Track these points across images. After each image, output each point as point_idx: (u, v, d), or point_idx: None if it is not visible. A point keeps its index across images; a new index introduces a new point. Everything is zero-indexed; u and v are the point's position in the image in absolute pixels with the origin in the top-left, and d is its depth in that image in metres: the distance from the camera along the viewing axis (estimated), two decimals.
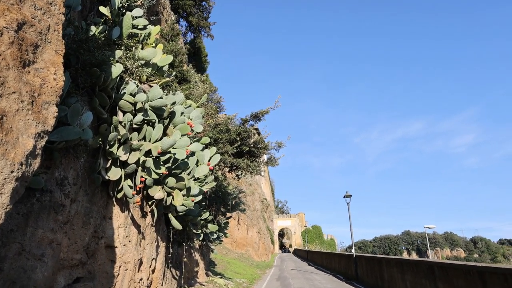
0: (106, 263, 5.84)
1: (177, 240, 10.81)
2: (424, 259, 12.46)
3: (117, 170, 6.03)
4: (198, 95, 14.21)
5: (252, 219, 48.95)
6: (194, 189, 7.95)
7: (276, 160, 17.02)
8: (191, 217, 9.40)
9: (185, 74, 16.06)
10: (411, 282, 12.67)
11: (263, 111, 15.82)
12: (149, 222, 7.42)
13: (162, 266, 8.25)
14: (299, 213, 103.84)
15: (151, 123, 6.94)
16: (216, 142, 14.40)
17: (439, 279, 10.62)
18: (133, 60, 6.98)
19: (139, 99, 6.33)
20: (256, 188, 60.32)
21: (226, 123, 15.15)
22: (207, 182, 9.28)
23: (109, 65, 5.71)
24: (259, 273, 27.77)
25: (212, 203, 15.77)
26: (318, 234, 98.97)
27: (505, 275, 7.62)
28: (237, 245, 41.09)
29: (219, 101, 16.66)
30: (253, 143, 16.01)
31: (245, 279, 20.81)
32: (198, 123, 8.80)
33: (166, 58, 8.26)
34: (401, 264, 13.77)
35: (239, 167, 15.36)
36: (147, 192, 7.10)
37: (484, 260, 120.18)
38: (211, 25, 28.85)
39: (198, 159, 8.66)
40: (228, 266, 25.47)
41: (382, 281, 15.87)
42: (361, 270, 19.94)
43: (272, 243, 74.54)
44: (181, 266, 11.27)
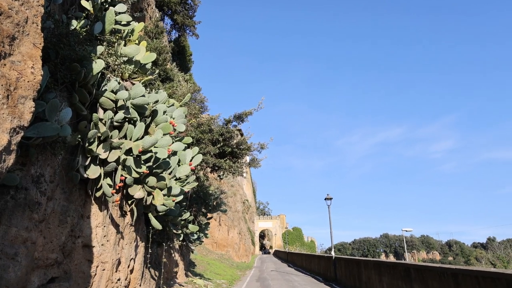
0: (83, 262, 5.71)
1: (156, 240, 10.67)
2: (401, 262, 12.66)
3: (97, 168, 5.91)
4: (181, 94, 14.09)
5: (233, 220, 48.82)
6: (175, 189, 7.86)
7: (259, 161, 17.03)
8: (171, 217, 9.29)
9: (169, 73, 15.90)
10: (388, 283, 12.85)
11: (247, 112, 15.80)
12: (129, 221, 7.30)
13: (141, 266, 8.13)
14: (280, 215, 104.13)
15: (133, 121, 6.83)
16: (199, 142, 14.30)
17: (415, 281, 10.82)
18: (115, 57, 6.86)
19: (120, 97, 6.22)
20: (237, 189, 60.21)
21: (209, 124, 15.07)
22: (188, 182, 9.19)
23: (90, 61, 5.60)
24: (239, 274, 27.70)
25: (193, 204, 15.65)
26: (298, 236, 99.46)
27: (476, 277, 7.86)
28: (217, 246, 40.90)
29: (202, 101, 16.56)
30: (235, 144, 15.97)
31: (225, 280, 20.72)
32: (181, 123, 8.72)
33: (149, 55, 8.15)
34: (378, 266, 13.97)
35: (221, 168, 15.29)
36: (127, 191, 6.98)
37: (458, 262, 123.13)
38: (196, 24, 28.65)
39: (180, 159, 8.58)
40: (208, 266, 25.32)
41: (360, 282, 16.06)
42: (340, 272, 20.14)
43: (253, 244, 74.52)
44: (160, 267, 11.13)
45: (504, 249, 53.66)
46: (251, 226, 79.62)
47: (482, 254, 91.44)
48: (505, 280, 6.93)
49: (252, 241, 73.06)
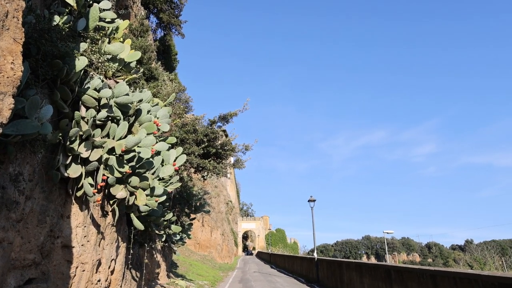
0: (62, 263, 5.59)
1: (138, 241, 10.54)
2: (381, 263, 12.84)
3: (78, 167, 5.80)
4: (166, 93, 13.97)
5: (217, 221, 48.64)
6: (158, 189, 7.78)
7: (243, 162, 17.00)
8: (154, 217, 9.19)
9: (153, 72, 15.75)
10: (369, 285, 13.01)
11: (232, 113, 15.78)
12: (110, 221, 7.19)
13: (122, 267, 8.01)
14: (264, 216, 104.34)
15: (116, 120, 6.73)
16: (183, 143, 14.20)
17: (395, 282, 10.99)
18: (99, 54, 6.75)
19: (103, 95, 6.12)
20: (221, 190, 60.03)
21: (194, 124, 14.98)
22: (171, 182, 9.11)
23: (72, 57, 5.49)
24: (221, 275, 27.60)
25: (176, 204, 15.53)
26: (281, 237, 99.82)
27: (454, 278, 8.04)
28: (200, 247, 40.66)
29: (187, 101, 16.45)
30: (220, 144, 15.92)
31: (207, 281, 20.60)
32: (165, 122, 8.64)
33: (134, 54, 8.06)
34: (360, 268, 14.12)
35: (205, 169, 15.22)
36: (109, 191, 6.87)
37: (437, 264, 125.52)
38: (182, 23, 28.47)
39: (164, 159, 8.50)
40: (190, 268, 25.15)
41: (342, 283, 16.20)
42: (322, 273, 20.27)
43: (236, 245, 74.37)
44: (142, 267, 11.00)
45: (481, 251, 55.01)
46: (234, 227, 79.46)
47: (460, 256, 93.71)
48: (481, 281, 7.09)
49: (235, 242, 72.91)
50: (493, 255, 49.39)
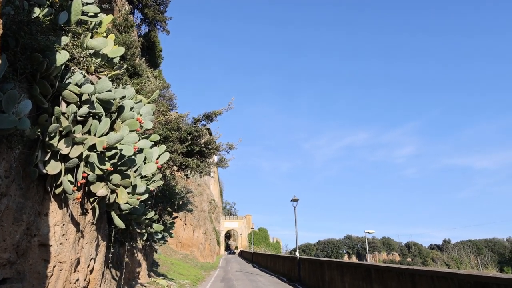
0: (39, 262, 5.44)
1: (119, 240, 10.38)
2: (362, 262, 13.00)
3: (57, 164, 5.66)
4: (149, 90, 13.80)
5: (199, 220, 48.37)
6: (140, 187, 7.67)
7: (227, 161, 16.96)
8: (135, 216, 9.05)
9: (137, 68, 15.53)
10: (349, 284, 13.15)
11: (216, 111, 15.70)
12: (90, 220, 7.04)
13: (102, 266, 7.86)
14: (247, 216, 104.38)
15: (98, 116, 6.59)
16: (166, 140, 14.05)
17: (375, 281, 11.14)
18: (81, 49, 6.60)
19: (85, 90, 5.98)
20: (204, 188, 59.75)
21: (178, 122, 14.85)
22: (154, 180, 8.99)
23: (53, 51, 5.35)
24: (203, 274, 27.47)
25: (159, 202, 15.36)
26: (264, 236, 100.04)
27: (432, 277, 8.26)
28: (182, 246, 40.36)
29: (171, 99, 16.30)
30: (204, 143, 15.83)
31: (189, 280, 20.47)
32: (148, 120, 8.51)
33: (117, 49, 7.90)
34: (341, 267, 14.26)
35: (189, 167, 15.11)
36: (89, 189, 6.73)
37: (416, 263, 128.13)
38: (167, 19, 28.19)
39: (146, 157, 8.37)
40: (172, 267, 24.93)
41: (323, 282, 16.33)
42: (304, 272, 20.39)
43: (218, 244, 74.16)
44: (122, 267, 10.83)
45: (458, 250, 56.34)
46: (217, 226, 79.22)
47: (438, 255, 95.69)
48: (457, 280, 7.34)
49: (218, 241, 72.71)
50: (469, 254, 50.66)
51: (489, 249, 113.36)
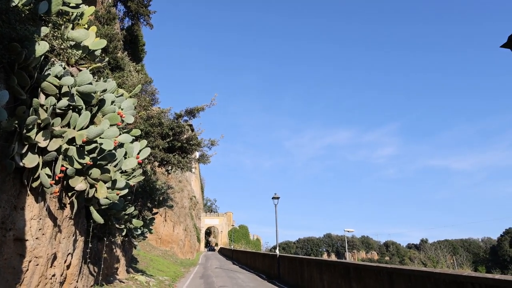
0: (14, 257, 5.33)
1: (97, 235, 10.25)
2: (341, 261, 13.20)
3: (34, 157, 5.54)
4: (131, 84, 13.62)
5: (180, 216, 48.09)
6: (120, 182, 7.58)
7: (208, 158, 16.90)
8: (114, 211, 8.95)
9: (119, 62, 15.31)
10: (328, 281, 13.33)
11: (199, 107, 15.63)
12: (68, 214, 6.93)
13: (79, 261, 7.75)
14: (228, 212, 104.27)
15: (78, 109, 6.48)
16: (147, 135, 13.91)
17: (354, 279, 11.33)
18: (61, 40, 6.47)
19: (65, 83, 5.87)
20: (185, 185, 59.40)
21: (159, 117, 14.72)
22: (134, 175, 8.90)
23: (32, 42, 5.23)
24: (182, 271, 27.36)
25: (139, 198, 15.22)
26: (244, 234, 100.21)
27: (409, 275, 8.44)
28: (162, 242, 40.06)
29: (153, 93, 16.13)
30: (185, 139, 15.74)
31: (168, 276, 20.36)
32: (129, 114, 8.42)
33: (99, 42, 7.78)
34: (320, 265, 14.44)
35: (170, 163, 15.01)
36: (68, 183, 6.62)
37: (394, 262, 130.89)
38: (151, 13, 27.83)
39: (127, 151, 8.28)
40: (151, 263, 24.73)
41: (302, 280, 16.51)
42: (283, 270, 20.56)
43: (198, 241, 73.92)
44: (100, 262, 10.70)
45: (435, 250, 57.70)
46: (198, 223, 78.91)
47: (415, 255, 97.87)
48: (433, 278, 7.52)
49: (198, 238, 72.47)
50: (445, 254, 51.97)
51: (465, 249, 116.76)
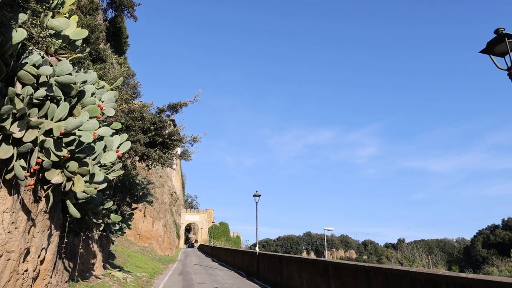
0: None
1: (73, 229, 10.03)
2: (320, 259, 13.31)
3: (9, 148, 5.36)
4: (113, 77, 13.36)
5: (159, 212, 47.62)
6: (98, 176, 7.42)
7: (190, 154, 16.77)
8: (92, 205, 8.76)
9: (101, 53, 14.99)
10: (307, 279, 13.43)
11: (182, 103, 15.47)
12: (43, 208, 6.74)
13: (54, 256, 7.56)
14: (208, 209, 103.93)
15: (56, 100, 6.29)
16: (128, 129, 13.68)
17: (332, 277, 11.44)
18: (40, 28, 6.26)
19: (43, 72, 5.69)
20: (166, 180, 58.86)
21: (141, 111, 14.49)
22: (114, 170, 8.73)
23: (9, 28, 5.04)
24: (161, 267, 27.11)
25: (118, 193, 14.97)
26: (225, 231, 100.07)
27: (386, 274, 8.60)
28: (140, 238, 39.59)
29: (136, 87, 15.86)
30: (167, 134, 15.57)
31: (146, 273, 20.13)
32: (110, 107, 8.24)
33: (80, 32, 7.56)
34: (299, 263, 14.53)
35: (151, 158, 14.81)
36: (44, 175, 6.43)
37: (371, 261, 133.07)
38: (135, 5, 27.40)
39: (106, 145, 8.10)
40: (129, 259, 24.40)
41: (281, 278, 16.58)
42: (262, 267, 20.60)
43: (178, 237, 73.42)
44: (76, 257, 10.47)
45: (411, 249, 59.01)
46: (178, 219, 78.35)
47: (392, 254, 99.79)
48: (409, 277, 7.69)
49: (178, 234, 71.97)
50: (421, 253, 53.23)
51: (440, 249, 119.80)
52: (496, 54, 6.39)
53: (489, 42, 6.42)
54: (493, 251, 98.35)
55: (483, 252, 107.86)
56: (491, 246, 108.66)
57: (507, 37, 6.12)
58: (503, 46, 6.20)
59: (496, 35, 6.26)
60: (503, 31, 6.19)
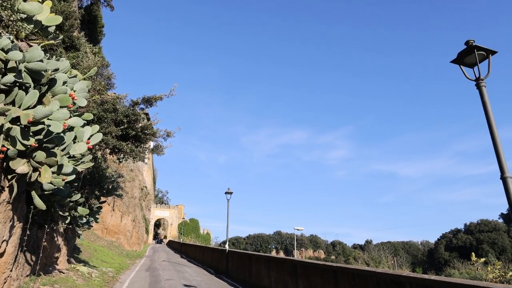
0: None
1: (38, 222, 9.70)
2: (289, 258, 13.45)
3: None
4: (86, 66, 13.01)
5: (129, 207, 46.75)
6: (66, 167, 7.22)
7: (163, 149, 16.56)
8: (59, 197, 8.51)
9: (75, 41, 14.56)
10: (275, 278, 13.54)
11: (157, 96, 15.24)
12: (6, 198, 6.48)
13: (15, 249, 7.29)
14: (179, 205, 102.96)
15: (25, 87, 6.08)
16: (100, 121, 13.36)
17: (300, 277, 11.59)
18: (10, 11, 6.03)
19: (12, 57, 5.48)
20: (137, 174, 57.86)
21: (114, 102, 14.17)
22: (83, 161, 8.52)
23: None
24: (128, 263, 26.63)
25: (86, 185, 14.61)
26: (195, 227, 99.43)
27: (352, 274, 8.82)
28: (108, 232, 38.73)
29: (110, 78, 15.51)
30: (140, 128, 15.30)
31: (112, 268, 19.73)
32: (82, 97, 8.03)
33: (54, 18, 7.34)
34: (269, 261, 14.63)
35: (122, 151, 14.51)
36: (8, 164, 6.19)
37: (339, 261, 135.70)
38: None
39: (77, 136, 7.90)
40: (95, 253, 23.83)
41: (250, 276, 16.65)
42: (232, 265, 20.62)
43: (147, 233, 72.33)
44: (39, 251, 10.13)
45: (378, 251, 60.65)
46: (147, 214, 77.20)
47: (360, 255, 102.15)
48: (375, 278, 7.92)
49: (147, 229, 70.90)
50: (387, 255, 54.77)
51: (405, 251, 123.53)
52: (466, 64, 6.66)
53: (459, 53, 6.68)
54: (455, 254, 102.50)
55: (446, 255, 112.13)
56: (453, 249, 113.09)
57: (476, 49, 6.40)
58: (472, 57, 6.47)
59: (467, 47, 6.54)
60: (473, 43, 6.47)
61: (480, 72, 6.43)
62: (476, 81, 6.48)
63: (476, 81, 6.47)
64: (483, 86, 6.40)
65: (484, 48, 6.40)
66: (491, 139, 6.09)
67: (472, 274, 26.94)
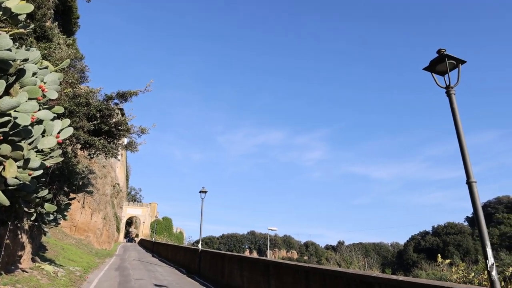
0: None
1: (0, 218, 9.28)
2: (261, 258, 13.46)
3: None
4: (59, 58, 12.57)
5: (100, 204, 45.60)
6: (34, 161, 6.91)
7: (137, 145, 16.21)
8: (24, 193, 8.15)
9: (47, 32, 14.05)
10: (248, 278, 13.51)
11: (132, 92, 14.92)
12: None
13: None
14: (152, 203, 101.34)
15: None
16: (72, 115, 12.94)
17: (272, 277, 11.61)
18: None
19: None
20: (109, 171, 56.57)
21: (87, 96, 13.76)
22: (52, 156, 8.18)
23: None
24: (97, 262, 25.97)
25: (55, 181, 14.11)
26: (168, 226, 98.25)
27: (324, 274, 8.96)
28: (77, 230, 37.65)
29: (83, 71, 15.04)
30: (114, 123, 14.92)
31: (80, 267, 19.17)
32: (53, 89, 7.70)
33: (24, 5, 7.00)
34: (241, 261, 14.59)
35: (94, 146, 14.12)
36: None
37: (311, 261, 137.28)
38: None
39: (46, 129, 7.57)
40: (62, 252, 23.10)
41: (222, 276, 16.55)
42: (204, 265, 20.45)
43: (118, 231, 70.86)
44: (1, 249, 9.70)
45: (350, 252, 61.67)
46: (119, 212, 75.62)
47: (332, 255, 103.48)
48: (346, 278, 8.07)
49: (118, 227, 69.47)
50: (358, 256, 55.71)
51: (376, 252, 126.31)
52: (437, 72, 6.89)
53: (432, 61, 6.89)
54: (423, 256, 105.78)
55: (414, 256, 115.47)
56: (421, 250, 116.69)
57: (447, 58, 6.62)
58: (443, 65, 6.70)
59: (438, 55, 6.75)
60: (444, 52, 6.70)
61: (450, 80, 6.64)
62: (446, 88, 6.69)
63: (446, 88, 6.68)
64: (453, 94, 6.62)
65: (454, 57, 6.64)
66: (458, 145, 6.28)
67: (438, 275, 27.82)
